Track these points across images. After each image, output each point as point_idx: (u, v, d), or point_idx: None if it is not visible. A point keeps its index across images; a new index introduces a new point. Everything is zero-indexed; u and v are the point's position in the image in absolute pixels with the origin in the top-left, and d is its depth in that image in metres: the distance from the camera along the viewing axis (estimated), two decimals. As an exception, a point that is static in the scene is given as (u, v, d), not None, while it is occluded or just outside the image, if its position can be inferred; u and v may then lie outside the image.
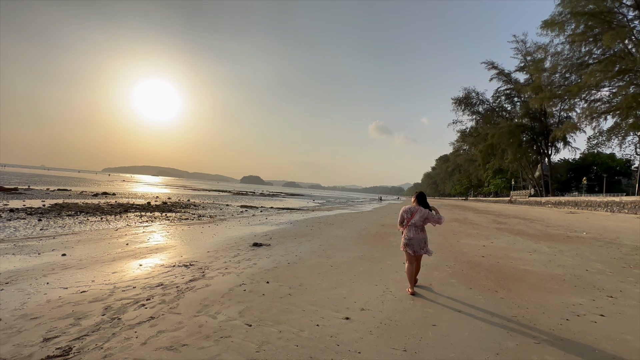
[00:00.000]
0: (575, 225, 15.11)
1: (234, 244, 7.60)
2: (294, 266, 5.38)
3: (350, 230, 11.00)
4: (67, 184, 45.57)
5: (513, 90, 50.35)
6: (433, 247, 7.91)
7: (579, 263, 6.25)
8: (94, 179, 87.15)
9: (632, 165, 52.59)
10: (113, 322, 2.93)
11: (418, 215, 4.01)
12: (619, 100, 25.99)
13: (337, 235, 9.58)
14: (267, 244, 7.59)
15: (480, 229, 12.86)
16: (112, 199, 25.05)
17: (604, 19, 26.51)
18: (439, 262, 6.02)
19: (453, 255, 6.83)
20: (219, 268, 5.11)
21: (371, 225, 13.03)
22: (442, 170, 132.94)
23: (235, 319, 3.06)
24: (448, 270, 5.39)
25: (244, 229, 10.74)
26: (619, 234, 11.52)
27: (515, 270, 5.49)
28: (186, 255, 6.11)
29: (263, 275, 4.70)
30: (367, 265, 5.57)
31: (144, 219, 13.53)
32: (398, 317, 3.25)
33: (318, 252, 6.72)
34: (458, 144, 75.43)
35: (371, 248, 7.47)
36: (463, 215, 22.11)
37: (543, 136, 46.87)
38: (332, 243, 8.06)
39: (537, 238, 10.12)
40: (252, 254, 6.35)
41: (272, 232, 10.11)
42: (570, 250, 7.78)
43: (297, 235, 9.33)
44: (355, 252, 6.93)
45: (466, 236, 10.18)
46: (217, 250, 6.74)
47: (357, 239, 9.00)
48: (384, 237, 9.54)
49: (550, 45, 32.27)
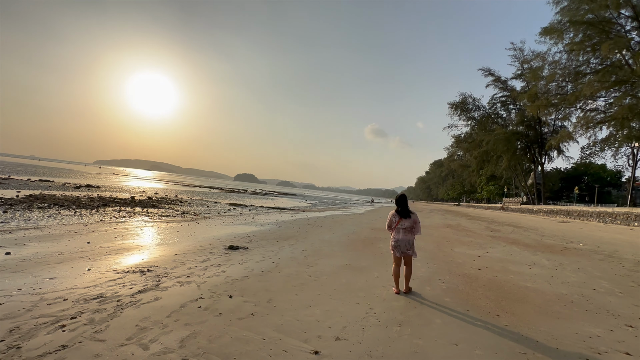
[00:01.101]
0: (570, 236, 14.70)
1: (208, 246, 6.91)
2: (268, 275, 4.71)
3: (339, 234, 10.37)
4: (52, 174, 44.12)
5: (509, 97, 50.35)
6: (426, 255, 7.37)
7: (583, 280, 5.70)
8: (83, 170, 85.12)
9: (623, 176, 53.11)
10: (8, 352, 2.24)
11: (410, 221, 4.21)
12: (614, 111, 25.87)
13: (324, 239, 8.94)
14: (245, 247, 6.91)
15: (474, 236, 12.34)
16: (95, 192, 24.05)
17: (603, 28, 26.37)
18: (432, 274, 5.41)
19: (447, 266, 6.24)
20: (180, 276, 4.42)
21: (361, 229, 12.42)
22: (436, 175, 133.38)
23: (172, 351, 2.38)
24: (442, 285, 4.77)
25: (225, 229, 10.03)
26: (617, 247, 11.09)
27: (516, 287, 4.91)
28: (149, 259, 5.40)
29: (228, 287, 4.02)
30: (351, 277, 4.93)
31: (121, 215, 12.72)
32: (380, 351, 2.60)
33: (299, 259, 6.06)
34: (452, 150, 75.42)
35: (358, 255, 6.84)
36: (456, 221, 21.65)
37: (537, 144, 46.92)
38: (316, 248, 7.41)
39: (534, 249, 9.61)
40: (223, 259, 5.66)
41: (255, 233, 9.43)
42: (571, 264, 7.25)
43: (280, 238, 8.66)
44: (340, 259, 6.29)
45: (460, 244, 9.63)
46: (187, 253, 6.03)
47: (344, 244, 8.38)
48: (374, 242, 8.93)
49: (549, 54, 32.15)
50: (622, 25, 28.68)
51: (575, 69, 29.47)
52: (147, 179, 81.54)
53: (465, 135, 59.48)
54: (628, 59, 25.61)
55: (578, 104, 29.75)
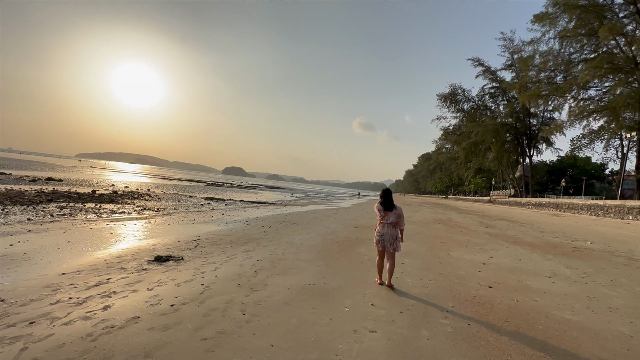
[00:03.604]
0: (571, 232, 13.52)
1: (129, 256, 5.12)
2: (175, 316, 2.97)
3: (314, 234, 8.71)
4: (17, 167, 40.88)
5: (498, 89, 49.48)
6: (418, 264, 5.71)
7: (633, 301, 4.22)
8: (57, 163, 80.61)
9: (606, 169, 53.44)
10: None
11: (394, 214, 4.14)
12: (608, 100, 24.99)
13: (293, 242, 7.26)
14: (179, 258, 5.15)
15: (470, 234, 10.92)
16: (53, 185, 21.63)
17: (598, 13, 25.28)
18: (430, 299, 3.79)
19: (447, 282, 4.66)
20: (23, 321, 2.65)
21: (342, 227, 10.80)
22: (424, 168, 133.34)
23: None
24: (444, 323, 3.16)
25: (176, 230, 8.23)
26: (629, 245, 9.86)
27: (553, 323, 3.34)
28: (8, 283, 3.59)
29: (72, 350, 2.30)
30: (309, 312, 3.25)
31: (62, 212, 10.68)
32: None
33: (244, 277, 4.36)
34: (441, 142, 74.77)
35: (330, 267, 5.19)
36: (446, 215, 20.37)
37: (526, 136, 46.34)
38: (278, 257, 5.73)
39: (542, 250, 8.21)
40: (131, 280, 3.91)
41: (210, 235, 7.66)
42: (598, 273, 5.81)
43: (238, 242, 6.93)
44: (303, 275, 4.62)
45: (457, 245, 8.13)
46: (82, 270, 4.24)
47: (317, 248, 6.72)
48: (354, 245, 7.30)
49: (542, 40, 31.02)
50: (614, 11, 27.72)
51: (569, 57, 28.44)
52: (127, 172, 77.88)
53: (453, 127, 58.66)
54: (623, 45, 24.65)
55: (571, 93, 28.78)
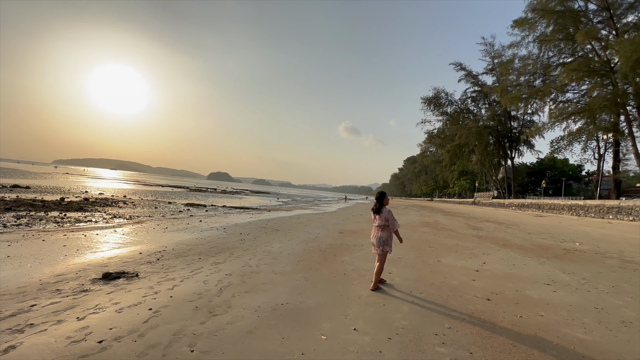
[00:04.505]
0: (558, 232, 13.42)
1: (74, 274, 4.36)
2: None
3: (295, 242, 8.09)
4: (-19, 174, 38.35)
5: (480, 92, 50.47)
6: (407, 274, 4.97)
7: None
8: (30, 170, 76.62)
9: (583, 170, 55.36)
10: None
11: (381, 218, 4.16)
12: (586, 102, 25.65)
13: (271, 251, 6.62)
14: (132, 275, 4.43)
15: (458, 237, 10.55)
16: (18, 193, 20.15)
17: (574, 18, 25.99)
18: (421, 318, 3.27)
19: (440, 296, 4.14)
20: None
21: (326, 232, 10.22)
22: (410, 171, 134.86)
23: None
24: (442, 352, 2.60)
25: (146, 239, 7.42)
26: (617, 246, 9.71)
27: (564, 343, 2.86)
28: None
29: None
30: (277, 344, 2.63)
31: (18, 222, 9.62)
32: None
33: (208, 295, 3.71)
34: (425, 146, 75.72)
35: (310, 279, 4.59)
36: (433, 217, 20.13)
37: (507, 139, 47.32)
38: (252, 268, 5.08)
39: (533, 253, 7.88)
40: (59, 308, 3.18)
41: (180, 244, 6.91)
42: (597, 278, 5.45)
43: (209, 253, 6.23)
44: (278, 291, 4.00)
45: (446, 251, 7.68)
46: (3, 295, 3.48)
47: (297, 257, 6.11)
48: (338, 253, 6.73)
49: (522, 44, 31.76)
50: (589, 18, 28.65)
51: (548, 61, 29.18)
52: (105, 178, 74.88)
53: (438, 131, 59.43)
54: (599, 49, 25.41)
55: (550, 96, 29.52)
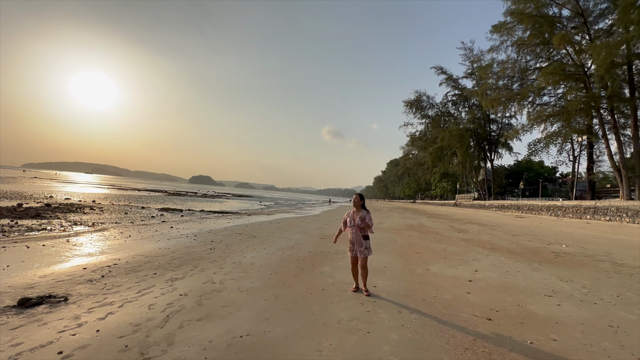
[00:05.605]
0: (540, 234, 13.30)
1: (-19, 301, 3.46)
2: None
3: (272, 250, 7.33)
4: None
5: (461, 96, 51.44)
6: (394, 286, 4.26)
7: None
8: (-8, 174, 71.54)
9: (557, 172, 57.45)
10: None
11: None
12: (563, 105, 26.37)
13: (242, 262, 5.85)
14: (60, 298, 3.56)
15: (445, 241, 10.11)
16: (-34, 199, 18.35)
17: (550, 22, 26.72)
18: (415, 355, 2.63)
19: (432, 314, 3.51)
20: None
21: (307, 238, 9.51)
22: (393, 173, 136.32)
23: None
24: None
25: (99, 251, 6.45)
26: (604, 247, 9.55)
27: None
28: None
29: None
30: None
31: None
32: None
33: (148, 327, 2.92)
34: (408, 148, 76.44)
35: (281, 298, 3.86)
36: (417, 220, 19.82)
37: (487, 141, 48.35)
38: (214, 285, 4.31)
39: (524, 257, 7.49)
40: None
41: (137, 256, 6.00)
42: (598, 286, 5.03)
43: (169, 266, 5.38)
44: (239, 317, 3.25)
45: (434, 257, 7.15)
46: None
47: (270, 269, 5.37)
48: (317, 262, 6.04)
49: (500, 48, 32.46)
50: (564, 24, 29.58)
51: (525, 64, 29.94)
52: (78, 182, 71.02)
53: (420, 133, 60.10)
54: (573, 54, 26.20)
55: (528, 99, 30.27)
